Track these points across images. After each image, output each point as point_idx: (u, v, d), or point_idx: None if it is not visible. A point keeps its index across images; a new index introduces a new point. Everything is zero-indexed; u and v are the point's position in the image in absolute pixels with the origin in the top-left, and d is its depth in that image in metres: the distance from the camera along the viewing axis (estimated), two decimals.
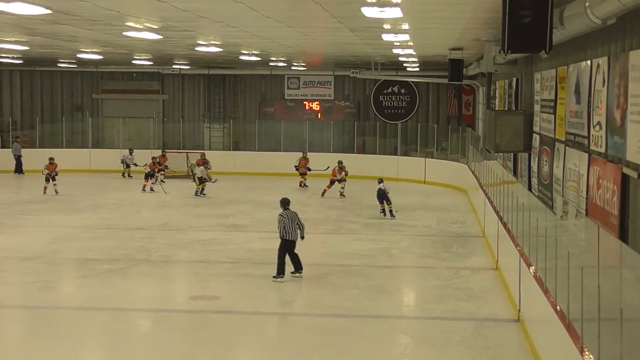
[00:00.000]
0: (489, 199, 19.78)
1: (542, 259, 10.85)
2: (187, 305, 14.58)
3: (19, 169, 34.81)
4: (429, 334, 12.91)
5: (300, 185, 31.23)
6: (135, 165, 33.16)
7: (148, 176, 29.77)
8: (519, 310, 13.07)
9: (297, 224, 15.98)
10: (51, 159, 29.09)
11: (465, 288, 15.60)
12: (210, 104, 40.37)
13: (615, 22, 9.71)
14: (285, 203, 16.24)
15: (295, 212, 16.12)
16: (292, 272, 16.05)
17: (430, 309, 14.39)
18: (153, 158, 30.82)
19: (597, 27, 10.14)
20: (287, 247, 15.98)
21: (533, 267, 11.78)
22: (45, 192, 27.98)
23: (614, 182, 10.61)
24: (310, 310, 14.33)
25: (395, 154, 35.35)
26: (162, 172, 31.44)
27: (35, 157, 35.27)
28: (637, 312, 6.68)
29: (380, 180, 25.09)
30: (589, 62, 12.24)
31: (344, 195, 28.08)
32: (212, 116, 40.17)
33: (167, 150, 34.83)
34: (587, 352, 7.99)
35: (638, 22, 9.73)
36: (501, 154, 21.97)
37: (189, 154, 34.29)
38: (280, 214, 16.03)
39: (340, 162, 29.01)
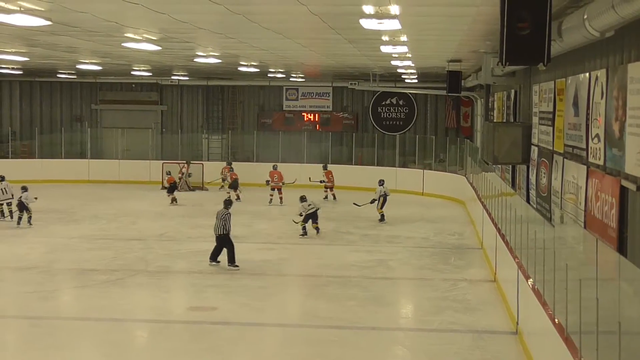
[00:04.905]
0: (487, 210, 19.78)
1: (540, 271, 10.84)
2: (185, 316, 14.56)
3: None
4: (426, 346, 12.88)
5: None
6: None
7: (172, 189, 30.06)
8: (517, 323, 13.06)
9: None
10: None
11: (463, 300, 15.58)
12: (209, 115, 40.38)
13: (614, 35, 9.73)
14: (225, 203, 18.87)
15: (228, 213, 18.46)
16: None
17: (427, 320, 14.37)
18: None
19: (595, 40, 10.16)
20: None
21: (531, 280, 11.77)
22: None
23: (612, 195, 10.62)
24: (308, 321, 14.31)
25: (393, 165, 35.32)
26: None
27: (33, 167, 35.40)
28: (635, 325, 6.67)
29: (382, 182, 25.69)
30: (587, 74, 12.27)
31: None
32: (210, 127, 40.19)
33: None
34: None
35: (636, 34, 9.75)
36: (499, 166, 21.98)
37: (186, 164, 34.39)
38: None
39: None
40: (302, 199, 23.03)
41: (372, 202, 25.71)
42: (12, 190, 25.23)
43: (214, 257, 18.22)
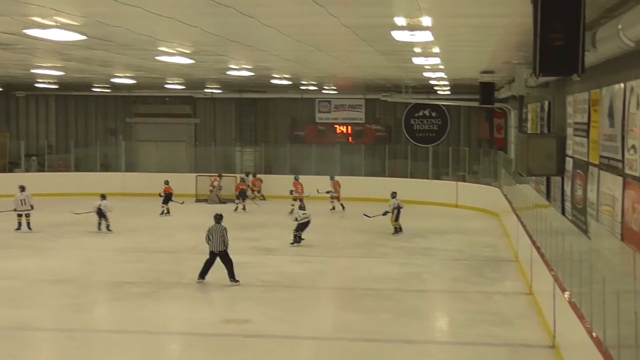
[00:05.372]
0: (521, 223, 19.62)
1: (577, 283, 10.73)
2: (219, 328, 14.56)
3: None
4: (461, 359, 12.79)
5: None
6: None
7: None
8: (554, 336, 12.92)
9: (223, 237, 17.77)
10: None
11: (498, 313, 15.46)
12: (242, 128, 40.52)
13: None
14: (217, 218, 18.24)
15: (224, 227, 17.98)
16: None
17: (462, 334, 14.26)
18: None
19: (630, 50, 10.05)
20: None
21: (567, 292, 11.65)
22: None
23: None
24: (341, 334, 14.26)
25: (426, 177, 35.20)
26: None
27: (69, 181, 35.77)
28: None
29: (394, 194, 25.45)
30: (622, 84, 12.14)
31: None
32: (243, 139, 40.31)
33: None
34: None
35: None
36: (534, 178, 21.81)
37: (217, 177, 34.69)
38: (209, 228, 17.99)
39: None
40: (301, 207, 24.10)
41: (385, 214, 25.52)
42: (32, 201, 25.65)
43: (204, 274, 17.81)
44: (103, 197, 26.02)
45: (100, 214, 25.45)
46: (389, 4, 11.02)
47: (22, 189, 25.87)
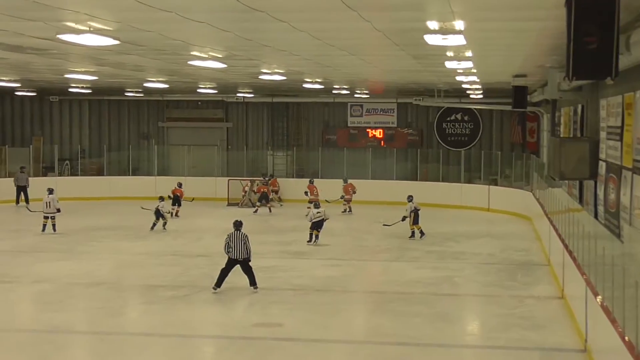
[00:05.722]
0: (554, 226, 19.51)
1: (609, 288, 10.66)
2: (250, 332, 14.60)
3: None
4: None
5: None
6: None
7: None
8: (586, 340, 12.84)
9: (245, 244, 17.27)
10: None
11: (530, 317, 15.38)
12: (274, 132, 40.65)
13: None
14: (237, 225, 17.57)
15: (245, 234, 17.38)
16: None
17: (494, 337, 14.21)
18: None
19: None
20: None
21: (600, 296, 11.57)
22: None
23: None
24: (373, 338, 14.25)
25: (458, 181, 35.10)
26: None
27: (101, 185, 36.08)
28: None
29: (410, 198, 25.20)
30: None
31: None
32: (275, 144, 40.43)
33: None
34: None
35: None
36: (566, 182, 21.67)
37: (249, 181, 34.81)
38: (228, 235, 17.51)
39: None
40: (316, 205, 24.48)
41: (404, 219, 25.27)
42: (58, 205, 25.90)
43: (220, 283, 17.35)
44: (161, 198, 27.07)
45: (158, 214, 26.34)
46: (422, 8, 11.04)
47: (50, 191, 26.13)
